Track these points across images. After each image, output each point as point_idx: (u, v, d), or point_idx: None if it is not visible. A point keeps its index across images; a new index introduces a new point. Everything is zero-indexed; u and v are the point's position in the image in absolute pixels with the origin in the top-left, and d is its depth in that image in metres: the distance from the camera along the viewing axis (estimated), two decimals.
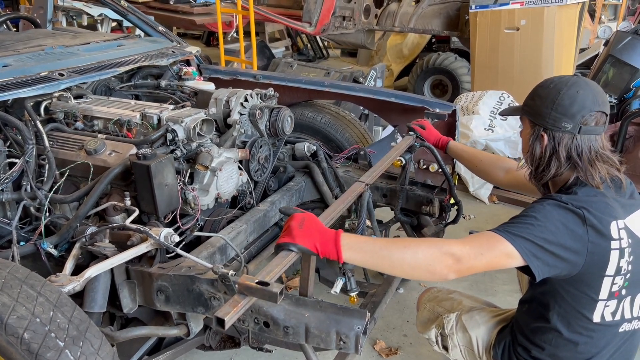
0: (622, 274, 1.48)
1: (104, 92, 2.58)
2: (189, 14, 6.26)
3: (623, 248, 1.46)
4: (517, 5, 4.56)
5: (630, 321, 1.58)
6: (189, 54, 2.98)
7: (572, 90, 1.51)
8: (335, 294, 1.84)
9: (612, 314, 1.53)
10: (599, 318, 1.52)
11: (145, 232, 1.59)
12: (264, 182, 2.33)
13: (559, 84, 1.55)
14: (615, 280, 1.48)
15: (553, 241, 1.40)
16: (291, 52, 9.11)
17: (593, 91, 1.52)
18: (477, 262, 1.39)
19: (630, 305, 1.55)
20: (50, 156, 1.90)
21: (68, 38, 2.76)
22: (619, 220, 1.46)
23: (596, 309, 1.51)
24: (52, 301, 1.31)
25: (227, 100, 2.18)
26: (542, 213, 1.44)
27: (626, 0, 8.98)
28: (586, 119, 1.49)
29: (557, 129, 1.52)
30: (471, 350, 1.91)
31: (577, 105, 1.49)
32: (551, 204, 1.46)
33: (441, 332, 2.02)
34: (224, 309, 1.17)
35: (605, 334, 1.56)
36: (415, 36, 7.39)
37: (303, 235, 1.37)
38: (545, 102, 1.54)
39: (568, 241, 1.41)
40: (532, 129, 1.59)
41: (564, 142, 1.52)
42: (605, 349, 1.57)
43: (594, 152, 1.51)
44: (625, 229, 1.47)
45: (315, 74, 5.23)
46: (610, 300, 1.51)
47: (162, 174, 1.74)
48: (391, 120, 3.04)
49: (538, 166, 1.59)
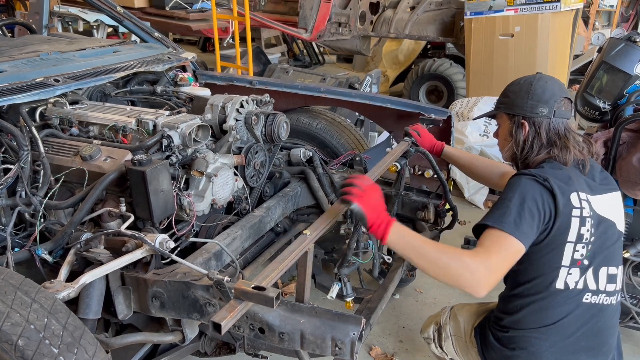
0: (583, 242, 1.62)
1: (99, 98, 2.58)
2: (185, 19, 6.26)
3: (584, 217, 1.60)
4: (511, 12, 4.59)
5: (597, 294, 1.67)
6: (184, 59, 2.99)
7: (541, 81, 1.75)
8: (331, 299, 1.84)
9: (575, 282, 1.64)
10: (562, 284, 1.63)
11: (140, 238, 1.58)
12: (259, 187, 2.33)
13: (528, 79, 1.78)
14: (577, 248, 1.61)
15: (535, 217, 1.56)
16: (287, 58, 9.14)
17: (558, 82, 1.77)
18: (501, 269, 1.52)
19: (595, 277, 1.66)
20: (45, 162, 1.89)
21: (63, 44, 2.76)
22: (580, 192, 1.62)
23: (559, 275, 1.63)
24: (47, 308, 1.30)
25: (222, 106, 2.19)
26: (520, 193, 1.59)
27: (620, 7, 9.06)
28: (558, 104, 1.71)
29: (535, 114, 1.72)
30: (460, 337, 1.99)
31: (548, 92, 1.72)
32: (523, 180, 1.62)
33: (438, 328, 2.10)
34: (221, 314, 1.17)
35: (568, 301, 1.65)
36: (411, 42, 7.42)
37: (367, 201, 1.52)
38: (520, 94, 1.76)
39: (543, 211, 1.57)
40: (511, 121, 1.78)
41: (544, 126, 1.72)
42: (569, 316, 1.65)
43: (569, 133, 1.72)
44: (587, 201, 1.62)
45: (311, 79, 5.24)
46: (573, 268, 1.63)
47: (157, 180, 1.74)
48: (386, 126, 3.05)
49: (523, 150, 1.75)
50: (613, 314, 1.73)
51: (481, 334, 1.86)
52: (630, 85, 2.41)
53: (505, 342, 1.75)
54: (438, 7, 6.03)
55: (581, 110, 2.63)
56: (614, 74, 2.44)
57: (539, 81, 1.76)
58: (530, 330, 1.69)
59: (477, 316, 1.96)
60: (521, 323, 1.70)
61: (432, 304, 2.98)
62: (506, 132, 1.81)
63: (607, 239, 1.68)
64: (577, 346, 1.68)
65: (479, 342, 1.86)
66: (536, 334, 1.68)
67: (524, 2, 4.51)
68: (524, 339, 1.70)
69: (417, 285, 3.16)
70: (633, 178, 2.17)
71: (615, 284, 1.70)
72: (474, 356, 1.91)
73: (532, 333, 1.68)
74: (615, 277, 1.70)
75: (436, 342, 2.11)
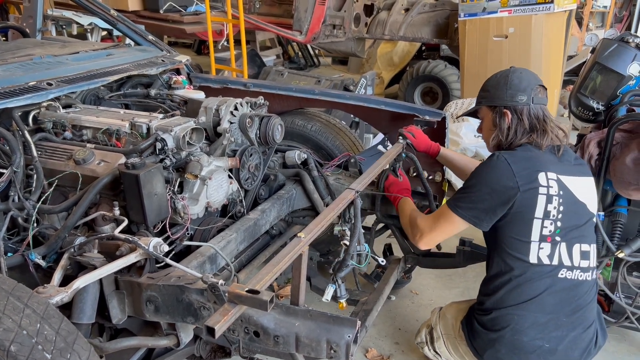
0: (551, 218, 1.74)
1: (93, 102, 2.57)
2: (179, 22, 6.25)
3: (551, 195, 1.73)
4: (505, 14, 4.60)
5: (572, 269, 1.77)
6: (178, 62, 2.98)
7: (516, 73, 1.92)
8: (326, 301, 1.84)
9: (548, 257, 1.75)
10: (535, 259, 1.75)
11: (134, 242, 1.58)
12: (254, 190, 2.33)
13: (504, 72, 1.95)
14: (545, 224, 1.74)
15: (490, 199, 1.74)
16: (282, 60, 9.13)
17: (531, 72, 1.94)
18: (434, 233, 1.91)
19: (569, 253, 1.77)
20: (38, 166, 1.88)
21: (57, 47, 2.75)
22: (549, 172, 1.75)
23: (531, 250, 1.75)
24: (39, 313, 1.29)
25: (216, 109, 2.18)
26: (480, 176, 1.80)
27: (613, 8, 9.11)
28: (535, 91, 1.87)
29: (515, 103, 1.87)
30: (450, 334, 2.05)
31: (525, 81, 1.88)
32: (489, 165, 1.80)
33: (430, 330, 2.15)
34: (214, 318, 1.17)
35: (544, 276, 1.75)
36: (406, 44, 7.43)
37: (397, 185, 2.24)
38: (499, 86, 1.92)
39: (501, 193, 1.73)
40: (493, 112, 1.94)
41: (525, 112, 1.86)
42: (547, 291, 1.74)
43: (547, 118, 1.87)
44: (557, 181, 1.75)
45: (306, 82, 5.24)
46: (543, 242, 1.75)
47: (151, 183, 1.73)
48: (381, 128, 3.05)
49: (507, 137, 1.89)
50: (589, 289, 1.82)
51: (467, 324, 1.93)
52: (624, 85, 2.42)
53: (489, 325, 1.81)
54: (432, 8, 6.05)
55: (575, 111, 2.63)
56: (607, 74, 2.45)
57: (514, 73, 1.92)
58: (511, 308, 1.76)
59: (464, 311, 2.00)
60: (502, 302, 1.79)
61: (428, 306, 2.98)
62: (490, 123, 1.96)
63: (579, 218, 1.80)
64: (559, 322, 1.75)
65: (466, 333, 1.92)
66: (517, 311, 1.76)
67: (517, 4, 4.52)
68: (506, 318, 1.77)
69: (413, 287, 3.16)
70: (627, 178, 2.18)
71: (589, 261, 1.80)
72: (464, 350, 1.94)
73: (514, 310, 1.76)
74: (589, 254, 1.81)
75: (429, 345, 2.13)
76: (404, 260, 2.63)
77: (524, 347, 1.76)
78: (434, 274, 3.27)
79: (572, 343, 1.76)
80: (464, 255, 2.44)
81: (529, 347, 1.75)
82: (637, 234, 2.33)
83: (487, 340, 1.82)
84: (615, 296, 2.40)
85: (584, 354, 1.79)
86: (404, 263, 2.64)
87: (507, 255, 1.79)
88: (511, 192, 1.72)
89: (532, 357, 1.76)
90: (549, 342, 1.75)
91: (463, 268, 2.62)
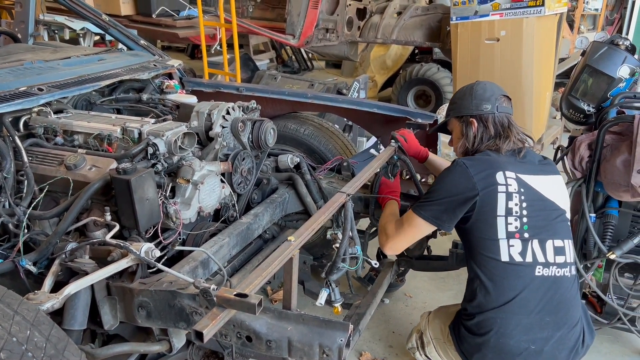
0: (514, 215, 1.79)
1: (85, 107, 2.56)
2: (172, 27, 6.26)
3: (510, 192, 1.79)
4: (497, 17, 4.61)
5: (547, 266, 1.78)
6: (170, 67, 2.98)
7: (480, 84, 2.04)
8: (320, 305, 1.84)
9: (520, 254, 1.78)
10: (507, 257, 1.78)
11: (126, 248, 1.57)
12: (247, 194, 2.32)
13: (469, 85, 2.06)
14: (509, 221, 1.79)
15: (449, 201, 1.82)
16: (276, 64, 9.14)
17: (495, 84, 2.06)
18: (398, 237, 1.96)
19: (542, 250, 1.80)
20: (29, 172, 1.87)
21: (48, 52, 2.75)
22: (507, 171, 1.82)
23: (501, 248, 1.78)
24: (29, 319, 1.28)
25: (209, 113, 2.18)
26: (442, 180, 1.88)
27: (604, 11, 9.17)
28: (499, 101, 1.97)
29: (480, 111, 1.97)
30: (439, 339, 2.05)
31: (488, 92, 2.00)
32: (450, 171, 1.87)
33: (420, 335, 2.16)
34: (202, 322, 1.17)
35: (520, 274, 1.77)
36: (399, 48, 7.45)
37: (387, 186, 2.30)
38: (465, 97, 2.03)
39: (459, 194, 1.80)
40: (460, 122, 2.03)
41: (490, 120, 1.96)
42: (526, 290, 1.75)
43: (512, 125, 1.96)
44: (516, 179, 1.82)
45: (299, 86, 5.25)
46: (512, 239, 1.78)
47: (142, 189, 1.73)
48: (374, 131, 3.05)
49: (474, 144, 1.97)
50: (570, 286, 1.83)
51: (454, 329, 1.93)
52: (614, 88, 2.43)
53: (475, 330, 1.82)
54: (424, 12, 6.06)
55: (566, 113, 2.64)
56: (598, 77, 2.46)
57: (478, 84, 2.04)
58: (493, 311, 1.77)
59: (452, 315, 2.01)
60: (483, 305, 1.80)
61: (422, 309, 2.98)
62: (458, 133, 2.05)
63: (548, 215, 1.84)
64: (542, 322, 1.76)
65: (454, 338, 1.92)
66: (500, 314, 1.76)
67: (509, 7, 4.54)
68: (489, 321, 1.78)
69: (407, 290, 3.16)
70: (617, 180, 2.19)
71: (564, 256, 1.82)
72: (454, 354, 1.95)
73: (496, 313, 1.77)
74: (563, 249, 1.83)
75: (420, 350, 2.14)
76: (397, 263, 2.63)
77: (510, 350, 1.76)
78: (428, 276, 3.28)
79: (558, 343, 1.76)
80: (457, 257, 2.45)
81: (515, 350, 1.75)
82: (628, 235, 2.35)
83: (473, 345, 1.82)
84: (608, 297, 2.41)
85: (571, 353, 1.80)
86: (397, 266, 2.64)
87: (479, 257, 1.82)
88: (469, 192, 1.79)
89: (518, 359, 1.76)
90: (535, 344, 1.75)
91: (456, 270, 2.63)
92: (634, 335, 2.47)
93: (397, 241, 1.97)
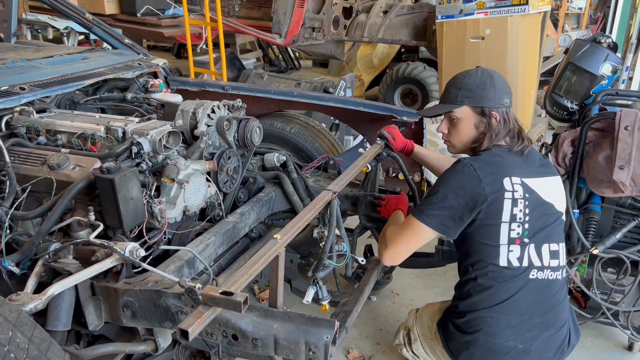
0: (517, 221, 1.73)
1: (68, 106, 2.54)
2: (157, 26, 6.21)
3: (516, 199, 1.72)
4: (481, 15, 4.64)
5: (542, 270, 1.77)
6: (155, 66, 2.96)
7: (497, 74, 1.88)
8: (307, 303, 1.84)
9: (517, 259, 1.75)
10: (505, 262, 1.74)
11: (110, 247, 1.56)
12: (233, 193, 2.32)
13: (484, 72, 1.88)
14: (512, 227, 1.73)
15: (456, 206, 1.71)
16: (263, 63, 9.11)
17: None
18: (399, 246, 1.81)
19: (538, 254, 1.77)
20: (11, 172, 1.85)
21: (31, 51, 2.71)
22: (513, 177, 1.74)
23: (500, 253, 1.74)
24: (11, 320, 1.27)
25: (193, 112, 2.17)
26: (447, 183, 1.75)
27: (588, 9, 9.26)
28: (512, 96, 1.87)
29: (501, 105, 1.84)
30: (427, 336, 2.05)
31: (507, 84, 1.87)
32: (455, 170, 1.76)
33: (407, 332, 2.15)
34: (187, 321, 1.16)
35: (515, 278, 1.74)
36: (385, 46, 7.47)
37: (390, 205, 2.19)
38: (486, 87, 1.84)
39: (468, 199, 1.70)
40: (476, 114, 1.86)
41: (510, 115, 1.86)
42: (519, 293, 1.74)
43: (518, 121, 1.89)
44: (521, 185, 1.74)
45: (286, 84, 5.23)
46: (512, 245, 1.74)
47: (126, 188, 1.71)
48: (360, 130, 3.06)
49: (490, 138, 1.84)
50: (561, 288, 1.83)
51: (442, 326, 1.93)
52: (596, 85, 2.46)
53: (464, 328, 1.81)
54: (410, 11, 6.08)
55: (550, 111, 2.67)
56: (581, 74, 2.49)
57: (495, 74, 1.88)
58: (484, 311, 1.76)
59: (440, 313, 2.00)
60: (475, 305, 1.78)
61: (409, 306, 2.99)
62: (470, 124, 1.88)
63: (547, 219, 1.79)
64: (532, 323, 1.76)
65: (442, 335, 1.92)
66: (491, 314, 1.75)
67: (493, 6, 4.57)
68: (479, 320, 1.77)
69: (394, 288, 3.17)
70: (600, 176, 2.21)
71: (558, 260, 1.80)
72: (440, 351, 1.95)
73: (487, 313, 1.76)
74: (558, 253, 1.81)
75: (407, 346, 2.14)
76: None
77: (497, 349, 1.76)
78: (415, 274, 3.29)
79: (545, 343, 1.77)
80: (443, 254, 2.46)
81: (502, 349, 1.76)
82: (610, 230, 2.37)
83: (461, 343, 1.82)
84: (591, 292, 2.44)
85: (558, 353, 1.80)
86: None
87: (477, 260, 1.78)
88: (478, 197, 1.70)
89: (505, 358, 1.76)
90: (523, 343, 1.75)
91: (443, 268, 2.64)
92: (617, 329, 2.51)
93: (397, 250, 1.82)
